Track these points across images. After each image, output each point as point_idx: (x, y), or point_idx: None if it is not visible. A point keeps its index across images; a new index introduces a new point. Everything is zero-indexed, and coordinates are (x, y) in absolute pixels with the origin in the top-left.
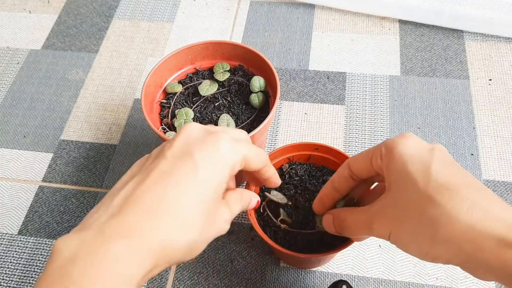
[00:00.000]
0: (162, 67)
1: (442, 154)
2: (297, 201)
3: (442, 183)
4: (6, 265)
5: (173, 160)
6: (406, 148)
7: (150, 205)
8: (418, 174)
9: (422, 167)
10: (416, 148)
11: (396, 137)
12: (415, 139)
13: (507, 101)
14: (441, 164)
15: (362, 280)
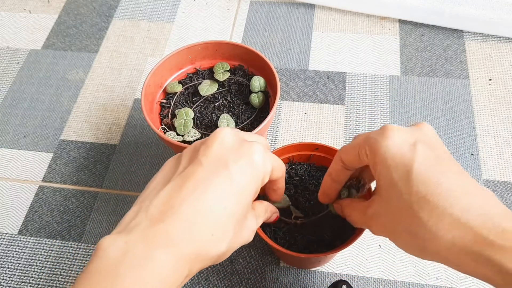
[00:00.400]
0: (162, 67)
1: (426, 151)
2: (297, 201)
3: (423, 195)
4: (6, 265)
5: (209, 169)
6: (388, 150)
7: (189, 215)
8: (401, 183)
9: (405, 174)
10: (398, 147)
11: (378, 135)
12: (396, 136)
13: (507, 101)
14: (422, 167)
15: (362, 280)
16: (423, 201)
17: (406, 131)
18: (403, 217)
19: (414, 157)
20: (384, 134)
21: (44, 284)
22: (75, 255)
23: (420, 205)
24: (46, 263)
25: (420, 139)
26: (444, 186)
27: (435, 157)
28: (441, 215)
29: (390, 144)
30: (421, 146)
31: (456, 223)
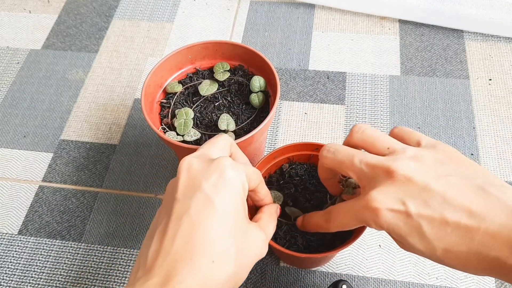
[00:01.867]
0: (162, 67)
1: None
2: (298, 201)
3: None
4: (6, 265)
5: (185, 200)
6: (389, 226)
7: (182, 252)
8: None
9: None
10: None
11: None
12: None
13: (507, 101)
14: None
15: (362, 280)
16: (448, 253)
17: (388, 197)
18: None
19: (417, 224)
20: (375, 214)
21: (44, 284)
22: (75, 255)
23: (446, 257)
24: (46, 263)
25: (404, 196)
26: (455, 234)
27: (428, 207)
28: (467, 258)
29: (387, 222)
30: (412, 207)
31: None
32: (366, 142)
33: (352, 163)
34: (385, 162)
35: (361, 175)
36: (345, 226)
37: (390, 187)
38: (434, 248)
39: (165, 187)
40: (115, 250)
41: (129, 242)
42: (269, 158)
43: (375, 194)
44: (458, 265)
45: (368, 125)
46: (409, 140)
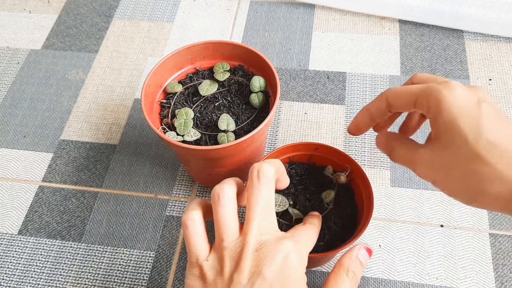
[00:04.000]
0: (162, 67)
1: (490, 108)
2: (298, 201)
3: (492, 141)
4: (6, 265)
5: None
6: (454, 101)
7: None
8: (469, 130)
9: (472, 122)
10: (464, 99)
11: (441, 87)
12: (461, 90)
13: (507, 101)
14: (490, 119)
15: (362, 280)
16: (492, 146)
17: (468, 89)
18: (466, 161)
19: (480, 111)
20: (450, 87)
21: (44, 284)
22: (75, 255)
23: (489, 149)
24: (46, 263)
25: (482, 98)
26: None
27: (498, 114)
28: (510, 159)
29: (457, 96)
30: (485, 104)
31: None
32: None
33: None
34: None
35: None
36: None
37: (473, 88)
38: (480, 134)
39: (165, 187)
40: (115, 250)
41: (129, 242)
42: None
43: (457, 82)
44: (496, 164)
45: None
46: None
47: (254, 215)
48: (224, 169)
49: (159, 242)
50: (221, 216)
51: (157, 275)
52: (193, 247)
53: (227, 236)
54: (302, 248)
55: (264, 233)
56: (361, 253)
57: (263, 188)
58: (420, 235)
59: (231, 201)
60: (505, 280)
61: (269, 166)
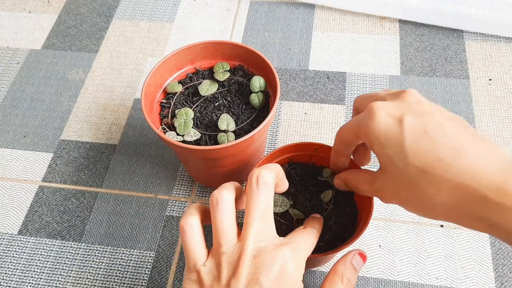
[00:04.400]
0: (162, 67)
1: (412, 124)
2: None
3: (420, 168)
4: (6, 265)
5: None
6: (377, 130)
7: None
8: (397, 159)
9: (399, 150)
10: (385, 125)
11: (366, 117)
12: (382, 114)
13: (507, 101)
14: (413, 141)
15: (362, 280)
16: (421, 173)
17: (390, 106)
18: (407, 188)
19: (403, 133)
20: (370, 115)
21: (44, 284)
22: (75, 255)
23: (419, 177)
24: (46, 263)
25: (405, 110)
26: (436, 155)
27: (423, 125)
28: (439, 182)
29: (378, 123)
30: (408, 118)
31: (453, 187)
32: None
33: (377, 93)
34: (399, 91)
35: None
36: (343, 136)
37: (396, 101)
38: (408, 162)
39: (165, 187)
40: (115, 250)
41: (129, 242)
42: (269, 158)
43: (378, 102)
44: (428, 190)
45: None
46: None
47: (252, 221)
48: (224, 169)
49: (159, 242)
50: (219, 222)
51: (157, 275)
52: (190, 252)
53: (225, 242)
54: (300, 255)
55: (262, 239)
56: (355, 259)
57: (261, 195)
58: (420, 235)
59: (230, 206)
60: (505, 280)
61: (268, 172)
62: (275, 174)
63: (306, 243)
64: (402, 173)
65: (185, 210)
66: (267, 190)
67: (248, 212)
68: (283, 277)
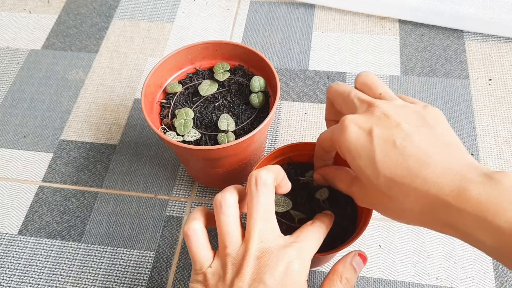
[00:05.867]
0: (162, 67)
1: (380, 134)
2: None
3: (390, 178)
4: (6, 265)
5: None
6: (349, 142)
7: None
8: (368, 170)
9: (369, 161)
10: (356, 138)
11: (338, 130)
12: (352, 128)
13: (507, 101)
14: (382, 153)
15: (362, 280)
16: (390, 182)
17: (361, 119)
18: (378, 196)
19: (373, 145)
20: (342, 129)
21: (44, 284)
22: (75, 255)
23: (389, 186)
24: (46, 263)
25: (374, 123)
26: (404, 166)
27: (392, 137)
28: (407, 191)
29: (349, 136)
30: (376, 131)
31: (420, 195)
32: (364, 85)
33: (348, 95)
34: (373, 100)
35: (350, 107)
36: (322, 143)
37: (366, 115)
38: (378, 173)
39: (165, 187)
40: (115, 250)
41: (129, 242)
42: (269, 158)
43: (351, 115)
44: (398, 198)
45: (372, 73)
46: (404, 98)
47: (254, 223)
48: (224, 169)
49: (159, 242)
50: (223, 224)
51: (157, 275)
52: (196, 257)
53: (229, 243)
54: (305, 255)
55: (266, 240)
56: (355, 260)
57: (261, 196)
58: (420, 235)
59: (233, 209)
60: (505, 280)
61: (266, 173)
62: (274, 175)
63: (312, 241)
64: (374, 182)
65: (189, 214)
66: (266, 191)
67: (250, 214)
68: (288, 277)
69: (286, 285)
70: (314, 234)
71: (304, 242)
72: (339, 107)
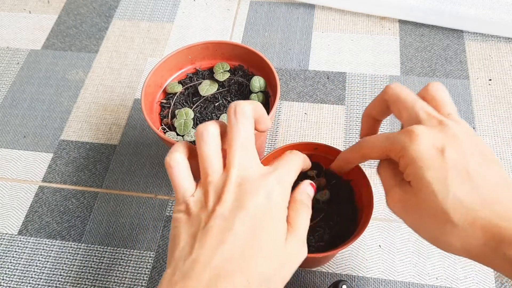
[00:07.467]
0: (162, 67)
1: (454, 156)
2: None
3: (459, 198)
4: (6, 265)
5: (230, 216)
6: (418, 154)
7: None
8: (437, 184)
9: (440, 176)
10: (427, 151)
11: (405, 138)
12: (424, 141)
13: (507, 101)
14: (454, 173)
15: (362, 280)
16: (459, 204)
17: (432, 134)
18: (434, 213)
19: (445, 164)
20: (413, 139)
21: (44, 284)
22: (75, 255)
23: (455, 207)
24: (46, 263)
25: (447, 142)
26: (475, 193)
27: (465, 163)
28: (475, 218)
29: (421, 147)
30: (450, 152)
31: (488, 226)
32: (433, 99)
33: (413, 105)
34: (443, 118)
35: (414, 118)
36: (371, 149)
37: (437, 131)
38: (448, 192)
39: (165, 187)
40: (115, 250)
41: (129, 242)
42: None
43: (422, 126)
44: (461, 222)
45: (444, 87)
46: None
47: (234, 152)
48: None
49: (159, 242)
50: (205, 152)
51: (157, 275)
52: (178, 186)
53: (211, 171)
54: (285, 182)
55: (246, 168)
56: (309, 189)
57: (241, 124)
58: None
59: (215, 138)
60: (505, 280)
61: (245, 104)
62: (253, 107)
63: (291, 167)
64: (439, 198)
65: (172, 147)
66: (245, 120)
67: (230, 143)
68: (268, 203)
69: (266, 210)
70: (293, 162)
71: (283, 169)
72: (396, 112)
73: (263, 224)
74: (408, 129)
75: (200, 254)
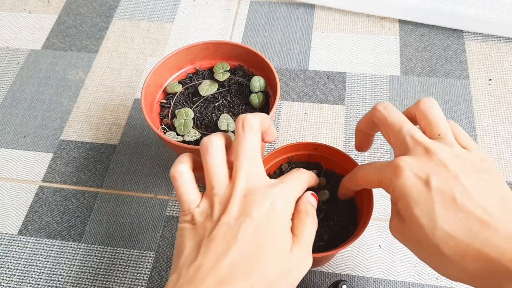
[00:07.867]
0: (162, 67)
1: (438, 189)
2: None
3: (447, 232)
4: (6, 265)
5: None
6: (404, 189)
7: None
8: (423, 219)
9: (426, 209)
10: (412, 185)
11: (391, 173)
12: (409, 173)
13: (507, 101)
14: (441, 205)
15: (362, 280)
16: (448, 238)
17: (416, 164)
18: (426, 247)
19: (431, 197)
20: (397, 173)
21: (44, 284)
22: (75, 255)
23: (445, 242)
24: (46, 263)
25: (431, 171)
26: (464, 222)
27: (450, 191)
28: (466, 250)
29: (405, 182)
30: (435, 182)
31: (480, 257)
32: (424, 118)
33: (400, 129)
34: (430, 143)
35: (400, 143)
36: (364, 181)
37: (422, 160)
38: (436, 226)
39: (165, 187)
40: (115, 250)
41: (129, 242)
42: (269, 158)
43: (406, 158)
44: (452, 255)
45: (436, 104)
46: (460, 139)
47: (241, 163)
48: None
49: (159, 242)
50: (210, 165)
51: (157, 275)
52: (184, 197)
53: (216, 183)
54: (289, 195)
55: (252, 180)
56: (311, 199)
57: (247, 138)
58: None
59: (220, 150)
60: None
61: (252, 117)
62: (260, 119)
63: (296, 183)
64: (426, 233)
65: (176, 159)
66: (252, 133)
67: (236, 155)
68: (272, 213)
69: (271, 220)
70: (298, 178)
71: (288, 183)
72: (385, 134)
73: (267, 232)
74: (394, 162)
75: (204, 260)
